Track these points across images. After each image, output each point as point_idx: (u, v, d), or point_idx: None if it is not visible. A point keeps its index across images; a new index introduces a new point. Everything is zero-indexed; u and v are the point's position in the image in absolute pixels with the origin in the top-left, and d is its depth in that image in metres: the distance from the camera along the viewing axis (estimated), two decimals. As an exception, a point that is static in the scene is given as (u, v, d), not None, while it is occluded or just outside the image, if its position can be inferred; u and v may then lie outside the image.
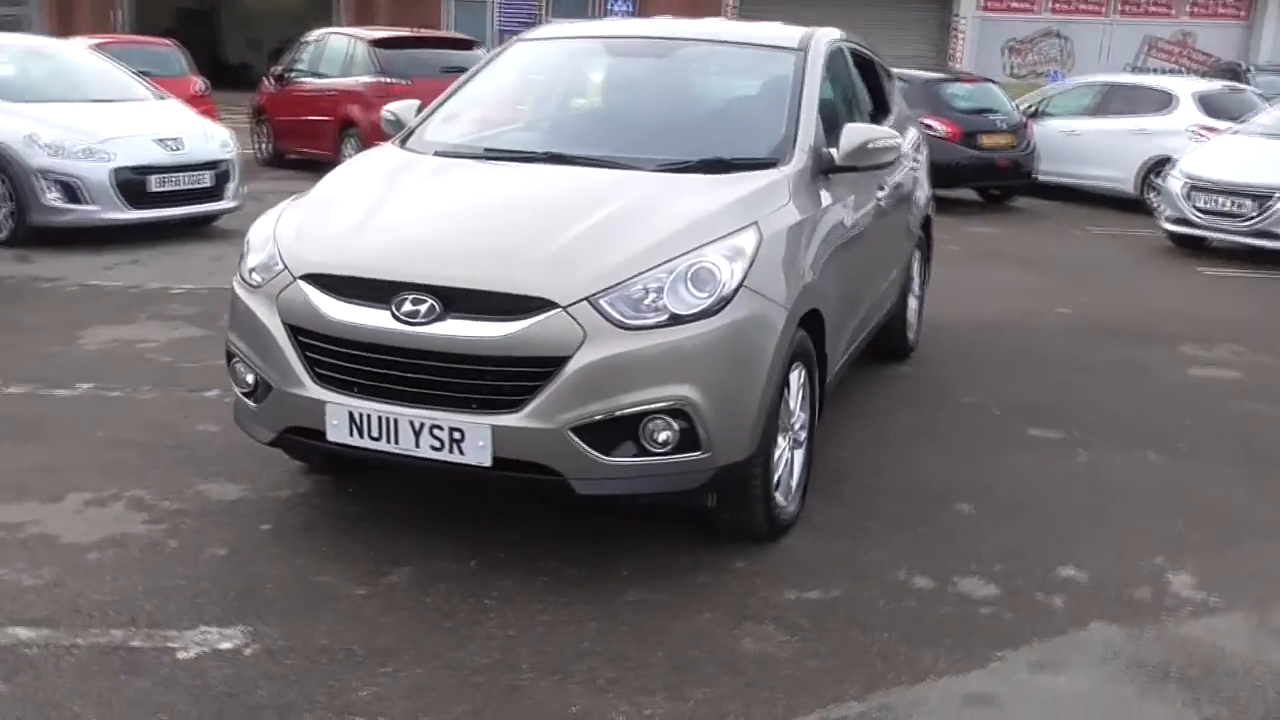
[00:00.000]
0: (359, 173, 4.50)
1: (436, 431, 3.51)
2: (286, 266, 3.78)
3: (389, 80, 12.51)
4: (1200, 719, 3.06)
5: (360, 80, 12.71)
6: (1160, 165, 13.26)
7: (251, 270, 3.94)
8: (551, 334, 3.43)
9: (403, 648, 3.29)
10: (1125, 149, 13.68)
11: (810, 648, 3.36)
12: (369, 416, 3.58)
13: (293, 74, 14.18)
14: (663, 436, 3.49)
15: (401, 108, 5.04)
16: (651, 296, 3.50)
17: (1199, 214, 10.59)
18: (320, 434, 3.69)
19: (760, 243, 3.75)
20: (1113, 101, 14.42)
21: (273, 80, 14.50)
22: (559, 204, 4.00)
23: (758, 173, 4.20)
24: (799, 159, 4.30)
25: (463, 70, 13.32)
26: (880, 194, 5.25)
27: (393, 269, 3.62)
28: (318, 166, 13.17)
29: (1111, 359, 6.81)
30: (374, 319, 3.57)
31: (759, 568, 3.86)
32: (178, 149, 9.14)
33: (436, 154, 4.54)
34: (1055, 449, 5.17)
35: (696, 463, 3.54)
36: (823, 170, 4.42)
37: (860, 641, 3.40)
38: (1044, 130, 14.21)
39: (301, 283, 3.72)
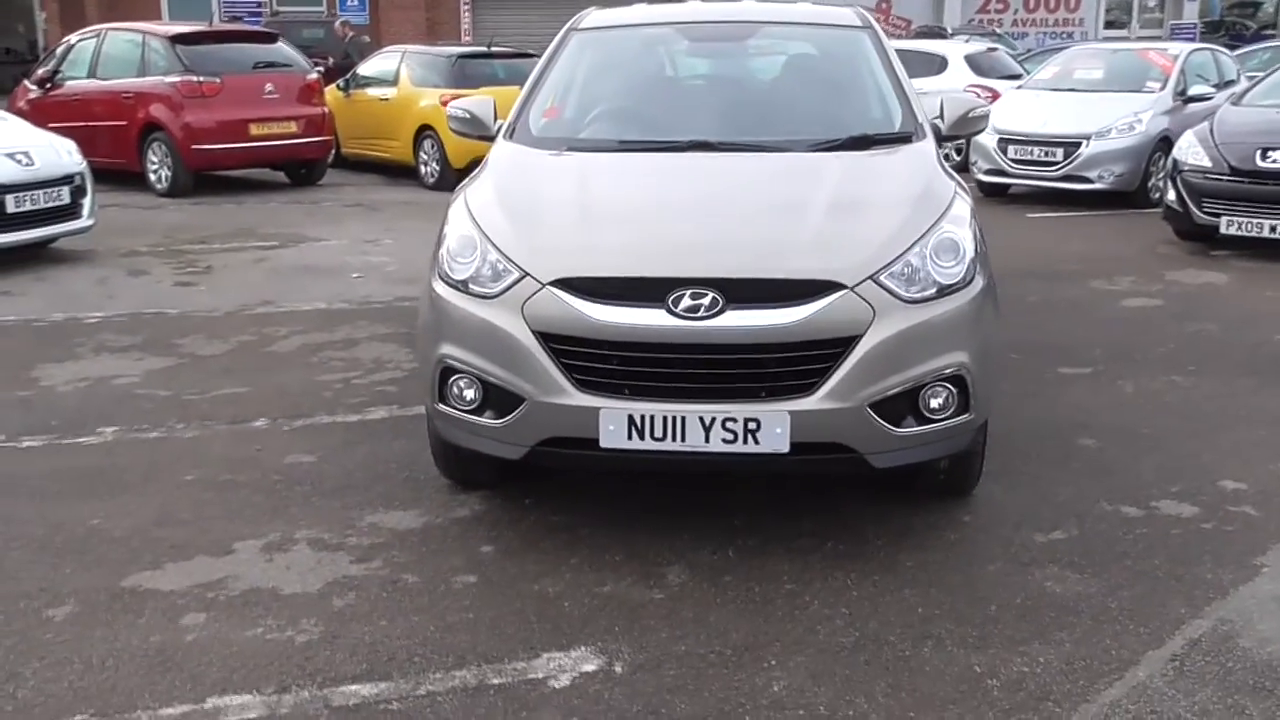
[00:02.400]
0: (517, 170, 4.32)
1: (730, 424, 3.48)
2: (528, 273, 3.61)
3: (199, 79, 11.62)
4: None
5: (165, 80, 11.72)
6: (941, 122, 14.42)
7: (469, 280, 3.74)
8: (843, 315, 3.49)
9: (761, 642, 3.28)
10: (907, 108, 14.70)
11: (1108, 582, 3.61)
12: (651, 418, 3.50)
13: (62, 77, 12.86)
14: (936, 403, 3.63)
15: (474, 104, 4.83)
16: (918, 270, 3.62)
17: (1013, 164, 11.63)
18: (589, 442, 3.57)
19: (970, 210, 3.96)
20: (886, 65, 15.43)
21: (35, 85, 13.10)
22: (773, 189, 4.04)
23: (907, 146, 4.39)
24: (929, 132, 4.51)
25: (273, 65, 12.82)
26: None
27: (666, 266, 3.55)
28: (109, 176, 12.17)
29: (1051, 299, 7.46)
30: (648, 318, 3.49)
31: (984, 520, 4.08)
32: (30, 164, 8.19)
33: (569, 149, 4.43)
34: (1098, 382, 5.67)
35: (965, 425, 3.71)
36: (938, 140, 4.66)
37: (1142, 570, 3.69)
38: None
39: (553, 289, 3.57)
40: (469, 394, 3.76)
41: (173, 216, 10.87)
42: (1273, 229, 8.42)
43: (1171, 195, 9.15)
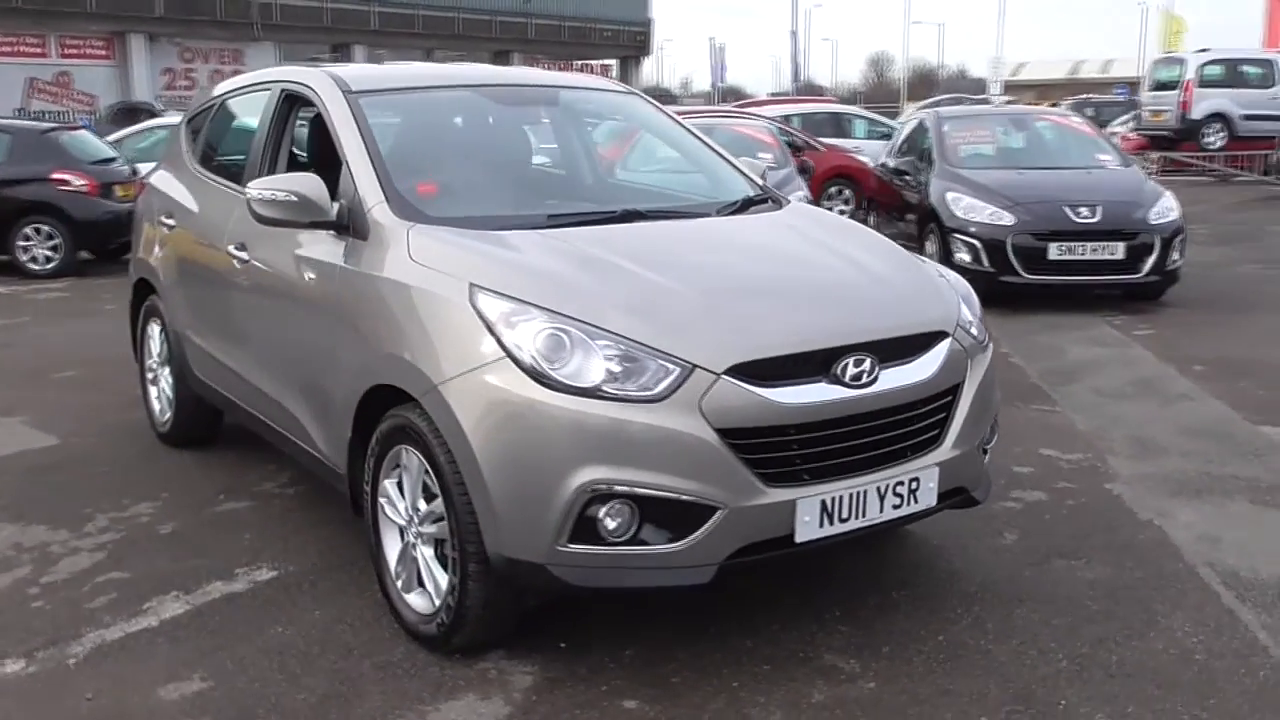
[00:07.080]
0: (502, 253, 3.52)
1: (899, 489, 3.40)
2: (696, 364, 3.10)
3: None
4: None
5: None
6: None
7: (604, 383, 3.07)
8: (953, 363, 3.59)
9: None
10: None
11: (1106, 564, 4.12)
12: (839, 499, 3.28)
13: None
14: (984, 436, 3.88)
15: (303, 184, 3.84)
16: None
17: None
18: (782, 540, 3.21)
19: None
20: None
21: None
22: (798, 251, 3.97)
23: (796, 206, 4.54)
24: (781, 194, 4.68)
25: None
26: None
27: (829, 335, 3.32)
28: None
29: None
30: (823, 393, 3.26)
31: (941, 538, 4.35)
32: None
33: (501, 228, 3.74)
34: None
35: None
36: (759, 202, 4.81)
37: (1107, 547, 4.27)
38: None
39: (728, 378, 3.12)
40: (612, 524, 3.10)
41: None
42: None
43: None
